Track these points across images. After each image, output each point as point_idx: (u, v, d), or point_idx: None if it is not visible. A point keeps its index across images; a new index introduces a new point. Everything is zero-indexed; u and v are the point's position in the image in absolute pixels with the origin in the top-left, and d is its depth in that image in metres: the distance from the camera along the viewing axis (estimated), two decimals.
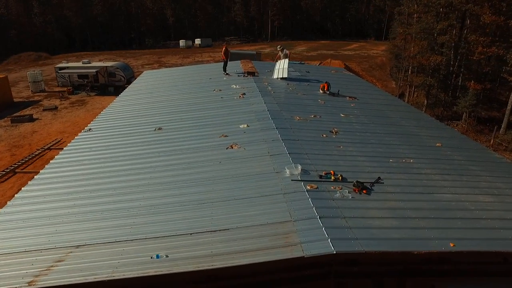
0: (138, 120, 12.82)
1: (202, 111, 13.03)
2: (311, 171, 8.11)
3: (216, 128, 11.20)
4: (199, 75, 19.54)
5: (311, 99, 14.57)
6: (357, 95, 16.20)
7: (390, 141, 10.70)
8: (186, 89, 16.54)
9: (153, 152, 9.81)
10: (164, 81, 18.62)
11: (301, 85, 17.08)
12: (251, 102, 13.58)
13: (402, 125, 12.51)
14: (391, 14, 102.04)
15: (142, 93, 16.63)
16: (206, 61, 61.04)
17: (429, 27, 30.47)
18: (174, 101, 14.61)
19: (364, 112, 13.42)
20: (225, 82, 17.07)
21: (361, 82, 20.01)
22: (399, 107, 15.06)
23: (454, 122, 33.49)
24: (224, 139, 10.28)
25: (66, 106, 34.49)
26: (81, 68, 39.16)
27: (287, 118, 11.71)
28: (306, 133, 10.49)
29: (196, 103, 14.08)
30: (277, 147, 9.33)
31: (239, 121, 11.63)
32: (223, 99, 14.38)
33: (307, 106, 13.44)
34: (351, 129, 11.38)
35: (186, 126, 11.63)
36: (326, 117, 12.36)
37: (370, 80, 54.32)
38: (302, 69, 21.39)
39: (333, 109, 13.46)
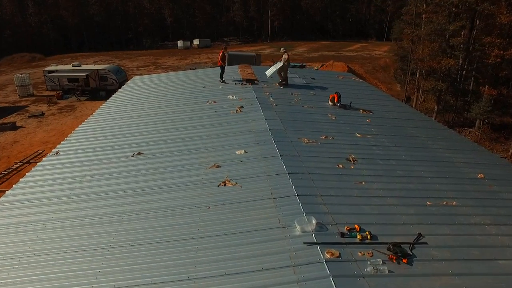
0: (115, 140, 10.79)
1: (191, 130, 10.99)
2: (329, 224, 6.09)
3: (207, 154, 9.17)
4: (192, 82, 17.51)
5: (320, 113, 12.54)
6: (370, 106, 14.18)
7: (420, 171, 8.67)
8: (175, 100, 14.50)
9: (123, 192, 7.76)
10: (152, 90, 16.58)
11: (307, 95, 15.06)
12: (250, 118, 11.55)
13: (430, 147, 10.48)
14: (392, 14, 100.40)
15: (125, 104, 14.59)
16: (204, 62, 59.08)
17: (440, 28, 28.47)
18: (160, 116, 12.57)
19: (382, 130, 11.39)
20: (221, 92, 15.04)
21: (372, 90, 18.00)
22: (419, 122, 13.03)
23: (466, 129, 31.51)
24: (215, 171, 8.25)
25: (53, 112, 32.46)
26: (71, 72, 37.14)
27: (293, 141, 9.69)
28: (318, 163, 8.46)
29: (186, 119, 12.04)
30: (283, 186, 7.30)
31: (235, 144, 9.60)
32: (217, 113, 12.35)
33: (315, 123, 11.42)
34: (371, 155, 9.35)
35: (170, 151, 9.60)
36: (340, 138, 10.34)
37: (374, 83, 52.33)
38: (307, 75, 19.37)
39: (346, 126, 11.44)
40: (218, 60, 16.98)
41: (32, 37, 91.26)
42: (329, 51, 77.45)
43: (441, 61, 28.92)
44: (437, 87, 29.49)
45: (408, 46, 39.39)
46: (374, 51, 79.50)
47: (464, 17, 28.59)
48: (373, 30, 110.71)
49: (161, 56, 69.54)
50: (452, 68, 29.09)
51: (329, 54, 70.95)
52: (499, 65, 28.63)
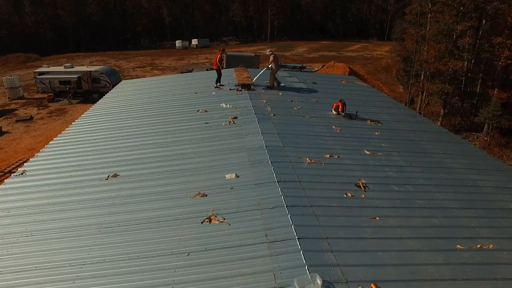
0: (90, 158, 9.43)
1: (177, 146, 9.64)
2: (338, 282, 4.75)
3: (192, 178, 7.82)
4: (184, 87, 16.15)
5: (323, 125, 11.19)
6: (378, 116, 12.85)
7: (443, 200, 7.32)
8: (163, 108, 13.14)
9: (86, 230, 6.41)
10: (139, 97, 15.22)
11: (309, 102, 13.72)
12: (244, 131, 10.20)
13: (449, 166, 9.13)
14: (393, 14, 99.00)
15: (107, 113, 13.22)
16: (201, 63, 57.73)
17: (448, 28, 27.10)
18: (144, 127, 11.21)
19: (394, 145, 10.04)
20: (214, 99, 13.70)
21: (378, 96, 16.65)
22: (433, 134, 11.67)
23: (474, 134, 30.16)
24: (200, 202, 6.90)
25: (43, 116, 31.12)
26: (63, 73, 35.79)
27: (292, 161, 8.33)
28: (322, 191, 7.12)
29: (172, 131, 10.69)
30: (281, 224, 5.97)
31: (225, 165, 8.26)
32: (207, 125, 11.00)
33: (318, 138, 10.06)
34: (384, 178, 8.00)
35: (150, 173, 8.25)
36: (347, 156, 8.99)
37: (376, 84, 50.98)
38: (308, 79, 18.02)
39: (353, 141, 10.08)
40: (214, 62, 15.52)
41: (29, 37, 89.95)
42: (329, 51, 76.11)
43: (448, 63, 27.56)
44: (443, 90, 28.13)
45: (412, 46, 38.03)
46: (376, 51, 78.17)
47: (473, 16, 27.22)
48: (374, 30, 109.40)
49: (159, 57, 68.18)
50: (460, 70, 27.70)
51: (330, 54, 69.61)
52: (509, 67, 27.26)
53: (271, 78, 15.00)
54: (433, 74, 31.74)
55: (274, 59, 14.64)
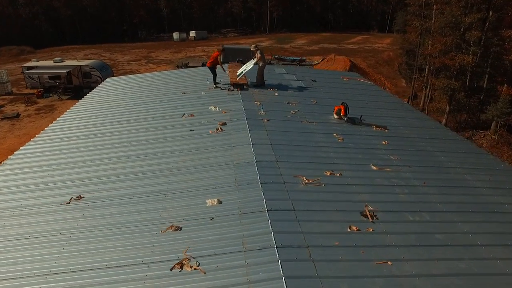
0: (54, 174, 8.16)
1: (153, 159, 8.36)
2: None
3: (166, 205, 6.56)
4: (172, 86, 14.81)
5: (323, 132, 9.90)
6: (384, 120, 11.56)
7: (468, 233, 6.06)
8: (145, 111, 11.83)
9: (31, 272, 5.17)
10: (122, 97, 13.90)
11: (307, 104, 12.41)
12: (233, 141, 8.91)
13: (470, 185, 7.86)
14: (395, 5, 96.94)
15: (83, 117, 11.91)
16: (198, 56, 56.20)
17: (455, 20, 25.63)
18: (120, 135, 9.92)
19: (404, 158, 8.76)
20: (202, 101, 12.38)
21: (383, 96, 15.31)
22: (448, 142, 10.38)
23: (481, 132, 28.84)
24: (172, 238, 5.65)
25: (30, 113, 29.81)
26: (52, 68, 34.35)
27: (287, 181, 7.06)
28: (321, 224, 5.87)
29: (151, 141, 9.40)
30: (269, 275, 4.72)
31: (207, 187, 7.00)
32: (192, 133, 9.71)
33: (318, 149, 8.78)
34: (395, 204, 6.74)
35: (118, 196, 6.98)
36: (350, 173, 7.71)
37: (377, 78, 49.52)
38: (307, 76, 16.69)
39: (357, 153, 8.80)
40: (210, 60, 14.06)
41: (24, 29, 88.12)
42: (330, 43, 74.43)
43: (455, 57, 26.14)
44: (450, 86, 26.73)
45: (415, 39, 36.52)
46: (377, 44, 76.48)
47: (482, 8, 25.72)
48: (375, 22, 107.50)
49: (155, 49, 66.54)
50: (468, 65, 26.29)
51: (330, 47, 67.98)
52: None
53: (259, 75, 13.73)
54: (438, 69, 30.32)
55: (261, 55, 13.36)
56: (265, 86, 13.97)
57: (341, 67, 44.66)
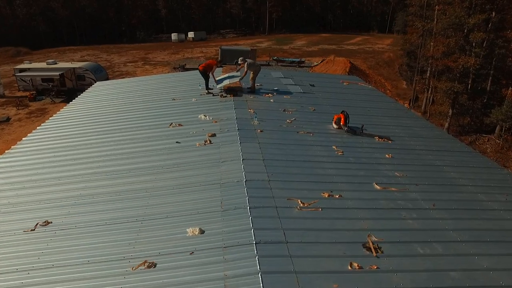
0: (23, 193, 7.34)
1: (133, 177, 7.54)
2: None
3: (141, 235, 5.75)
4: (162, 92, 14.01)
5: (321, 145, 9.09)
6: (388, 129, 10.75)
7: (489, 271, 5.24)
8: (131, 120, 11.01)
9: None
10: (109, 103, 13.08)
11: (304, 111, 11.59)
12: (222, 156, 8.10)
13: (487, 207, 7.03)
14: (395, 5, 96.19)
15: (64, 125, 11.09)
16: (196, 57, 55.39)
17: (459, 21, 24.82)
18: (99, 148, 9.10)
19: (411, 174, 7.94)
20: (192, 108, 11.57)
21: (386, 101, 14.49)
22: (458, 155, 9.55)
23: (484, 136, 28.04)
24: (143, 277, 4.84)
25: (21, 117, 28.99)
26: (44, 70, 33.52)
27: (279, 205, 6.25)
28: (317, 261, 5.06)
29: (133, 155, 8.58)
30: None
31: (189, 211, 6.19)
32: (178, 145, 8.90)
33: (314, 165, 7.96)
34: (402, 233, 5.92)
35: (89, 222, 6.18)
36: (351, 194, 6.90)
37: (378, 80, 48.74)
38: (305, 80, 15.88)
39: (358, 168, 7.98)
40: (203, 65, 13.22)
41: (21, 29, 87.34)
42: (329, 44, 73.64)
43: (458, 59, 25.32)
44: (453, 88, 25.92)
45: (417, 41, 35.73)
46: (377, 44, 75.76)
47: (487, 8, 24.91)
48: (375, 22, 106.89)
49: (153, 50, 65.70)
50: (471, 68, 25.47)
51: (330, 48, 67.19)
52: None
53: (252, 84, 12.99)
54: (441, 71, 29.52)
55: (249, 66, 12.67)
56: (261, 91, 13.19)
57: (341, 68, 43.88)
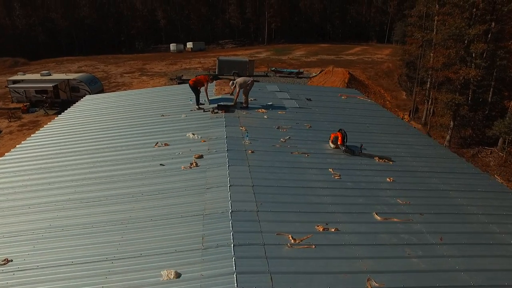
0: None
1: (109, 206, 6.84)
2: None
3: (110, 277, 5.03)
4: (151, 107, 13.37)
5: (317, 167, 8.40)
6: (388, 148, 10.08)
7: None
8: (116, 138, 10.35)
9: None
10: (94, 119, 12.43)
11: (300, 129, 10.93)
12: (208, 181, 7.41)
13: (501, 241, 6.32)
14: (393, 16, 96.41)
15: (43, 144, 10.39)
16: (194, 68, 55.02)
17: (459, 32, 24.34)
18: (75, 170, 8.40)
19: (414, 202, 7.23)
20: (181, 125, 10.92)
21: (386, 117, 13.82)
22: (465, 177, 8.85)
23: (487, 149, 27.36)
24: None
25: (13, 129, 28.35)
26: (38, 82, 32.97)
27: (268, 242, 5.55)
28: None
29: (111, 178, 7.88)
30: None
31: (165, 250, 5.48)
32: (162, 168, 8.21)
33: (310, 190, 7.27)
34: (407, 276, 5.21)
35: (54, 262, 5.45)
36: (348, 226, 6.19)
37: (377, 90, 48.25)
38: (301, 94, 15.27)
39: (357, 195, 7.28)
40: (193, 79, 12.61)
41: (20, 40, 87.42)
42: (328, 54, 73.49)
43: (459, 70, 24.78)
44: (454, 100, 25.33)
45: (416, 51, 35.30)
46: (376, 55, 75.59)
47: (487, 19, 24.45)
48: (374, 32, 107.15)
49: (151, 61, 65.36)
50: (473, 79, 24.92)
51: (329, 58, 66.96)
52: None
53: (245, 99, 12.39)
54: (441, 82, 28.98)
55: (240, 85, 12.15)
56: (254, 106, 12.58)
57: (340, 79, 43.41)
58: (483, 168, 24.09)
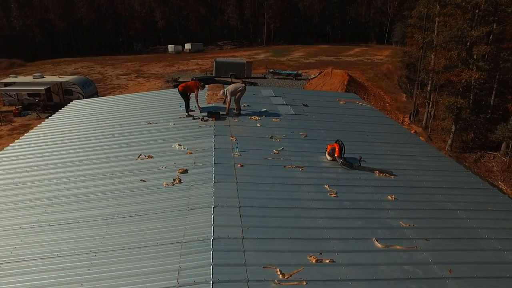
0: None
1: (78, 230, 6.13)
2: None
3: None
4: (139, 113, 12.67)
5: (311, 183, 7.69)
6: (389, 160, 9.38)
7: None
8: (96, 148, 9.63)
9: None
10: (77, 127, 11.71)
11: (295, 138, 10.23)
12: (191, 199, 6.71)
13: None
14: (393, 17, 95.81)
15: (15, 156, 9.66)
16: (191, 70, 54.34)
17: (461, 34, 23.64)
18: (44, 187, 7.67)
19: (419, 225, 6.52)
20: (168, 135, 10.22)
21: (387, 124, 13.10)
22: (473, 193, 8.14)
23: (489, 153, 26.66)
24: None
25: (3, 133, 27.64)
26: (30, 85, 32.27)
27: (253, 278, 4.84)
28: None
29: (85, 197, 7.17)
30: None
31: (138, 285, 4.76)
32: (142, 184, 7.49)
33: (302, 212, 6.56)
34: None
35: None
36: (345, 256, 5.48)
37: (377, 92, 47.57)
38: (297, 99, 14.58)
39: (355, 217, 6.57)
40: (182, 85, 11.98)
41: (17, 41, 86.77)
42: (327, 55, 72.84)
43: (461, 73, 24.09)
44: (456, 104, 24.63)
45: (417, 53, 34.62)
46: (375, 56, 74.98)
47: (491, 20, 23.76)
48: (373, 33, 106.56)
49: (148, 62, 64.69)
50: (475, 82, 24.23)
51: (328, 60, 66.30)
52: None
53: (237, 106, 11.69)
54: (442, 85, 28.28)
55: (231, 93, 11.50)
56: (247, 113, 11.88)
57: (339, 81, 42.72)
58: (486, 174, 23.40)
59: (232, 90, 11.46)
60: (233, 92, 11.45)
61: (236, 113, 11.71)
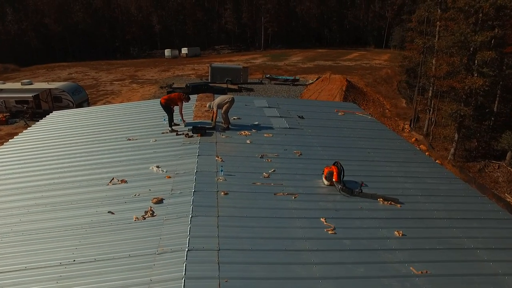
0: None
1: (24, 283, 5.03)
2: None
3: None
4: (119, 127, 11.61)
5: (307, 216, 6.63)
6: (395, 183, 8.34)
7: None
8: (64, 171, 8.56)
9: None
10: (49, 144, 10.63)
11: (288, 157, 9.18)
12: (161, 241, 5.65)
13: None
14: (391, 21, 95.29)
15: None
16: (187, 75, 53.35)
17: (464, 39, 22.71)
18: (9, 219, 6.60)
19: (434, 273, 5.46)
20: (146, 154, 9.16)
21: (390, 139, 12.03)
22: (491, 226, 7.09)
23: (494, 163, 25.65)
24: None
25: None
26: (18, 92, 31.21)
27: None
28: None
29: (38, 235, 6.09)
30: None
31: None
32: (109, 218, 6.42)
33: (294, 256, 5.49)
34: None
35: None
36: None
37: (376, 98, 46.60)
38: (293, 110, 13.53)
39: (357, 261, 5.52)
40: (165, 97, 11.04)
41: (13, 45, 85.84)
42: (325, 60, 72.02)
43: (464, 79, 23.13)
44: (459, 111, 23.65)
45: (417, 58, 33.69)
46: (374, 60, 74.21)
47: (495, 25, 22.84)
48: (372, 37, 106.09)
49: (144, 67, 63.69)
50: (479, 89, 23.28)
51: (326, 64, 65.44)
52: None
53: (225, 119, 10.64)
54: (444, 91, 27.32)
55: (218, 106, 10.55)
56: (237, 128, 10.83)
57: (337, 87, 41.76)
58: (491, 185, 22.38)
59: (218, 102, 10.43)
60: (220, 105, 10.43)
61: (224, 128, 10.67)
